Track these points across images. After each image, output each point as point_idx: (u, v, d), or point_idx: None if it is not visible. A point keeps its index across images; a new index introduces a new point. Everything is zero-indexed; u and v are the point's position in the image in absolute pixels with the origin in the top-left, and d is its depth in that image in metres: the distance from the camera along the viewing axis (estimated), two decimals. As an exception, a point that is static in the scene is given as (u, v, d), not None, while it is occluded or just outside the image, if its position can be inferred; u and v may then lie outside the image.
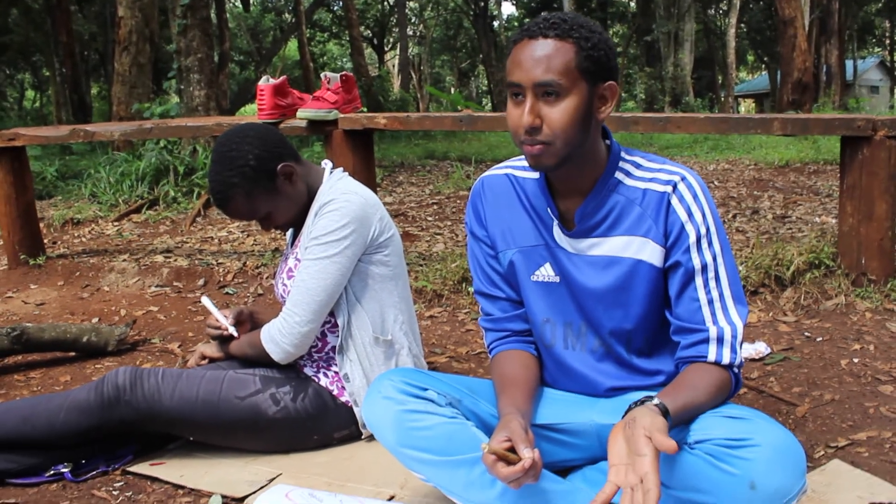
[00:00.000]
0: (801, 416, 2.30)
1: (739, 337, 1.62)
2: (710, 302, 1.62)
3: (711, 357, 1.61)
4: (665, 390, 1.57)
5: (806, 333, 3.03)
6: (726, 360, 1.61)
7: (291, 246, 2.30)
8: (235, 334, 2.29)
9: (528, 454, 1.42)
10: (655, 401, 1.47)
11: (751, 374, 2.67)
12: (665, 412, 1.45)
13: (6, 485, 2.05)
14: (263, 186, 2.11)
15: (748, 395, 2.50)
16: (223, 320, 2.31)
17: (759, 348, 2.87)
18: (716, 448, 1.47)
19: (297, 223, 2.23)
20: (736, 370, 1.64)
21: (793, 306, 3.30)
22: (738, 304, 1.64)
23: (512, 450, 1.45)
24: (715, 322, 1.62)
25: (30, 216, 4.58)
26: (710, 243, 1.62)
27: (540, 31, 1.53)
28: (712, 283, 1.62)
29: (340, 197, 2.11)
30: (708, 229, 1.61)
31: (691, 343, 1.64)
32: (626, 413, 1.48)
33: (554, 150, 1.55)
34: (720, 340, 1.61)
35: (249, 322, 2.39)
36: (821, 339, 2.96)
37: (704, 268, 1.62)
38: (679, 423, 1.51)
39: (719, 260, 1.62)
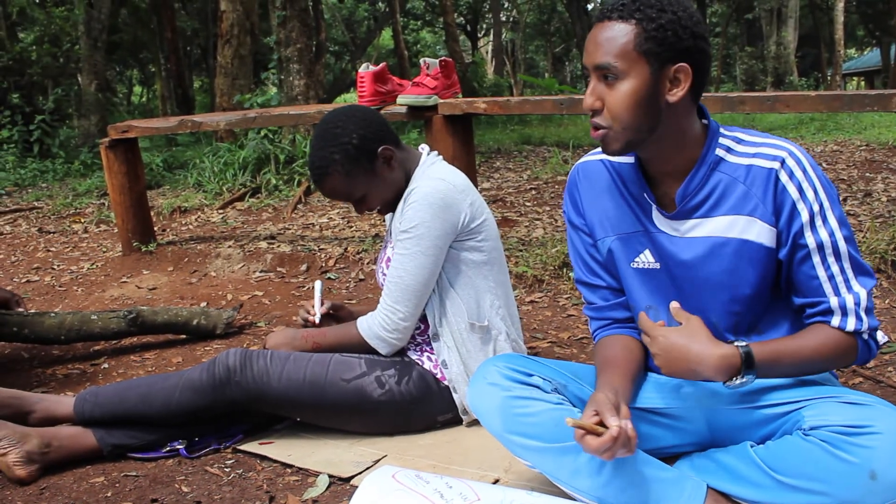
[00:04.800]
0: (924, 407, 2.19)
1: (864, 303, 1.55)
2: (831, 277, 1.55)
3: (835, 324, 1.55)
4: (764, 341, 1.56)
5: (927, 321, 2.88)
6: (850, 327, 1.54)
7: (390, 233, 2.31)
8: (317, 321, 2.32)
9: (614, 422, 1.41)
10: (742, 347, 1.48)
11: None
12: (748, 355, 1.48)
13: (128, 458, 2.15)
14: (363, 167, 2.12)
15: (864, 385, 2.39)
16: (317, 307, 2.35)
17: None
18: (833, 435, 1.42)
19: (394, 208, 2.24)
20: (865, 336, 1.57)
21: (912, 292, 3.14)
22: (860, 276, 1.56)
23: (602, 425, 1.43)
24: (837, 294, 1.55)
25: (142, 205, 4.76)
26: (824, 220, 1.54)
27: (605, 14, 1.52)
28: (831, 259, 1.55)
29: (427, 185, 2.11)
30: (821, 205, 1.54)
31: (815, 313, 1.58)
32: None
33: (614, 135, 1.54)
34: (843, 309, 1.55)
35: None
36: (944, 326, 2.81)
37: (821, 246, 1.54)
38: (773, 371, 1.52)
39: (837, 235, 1.54)
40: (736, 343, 1.50)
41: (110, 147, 4.50)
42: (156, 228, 5.15)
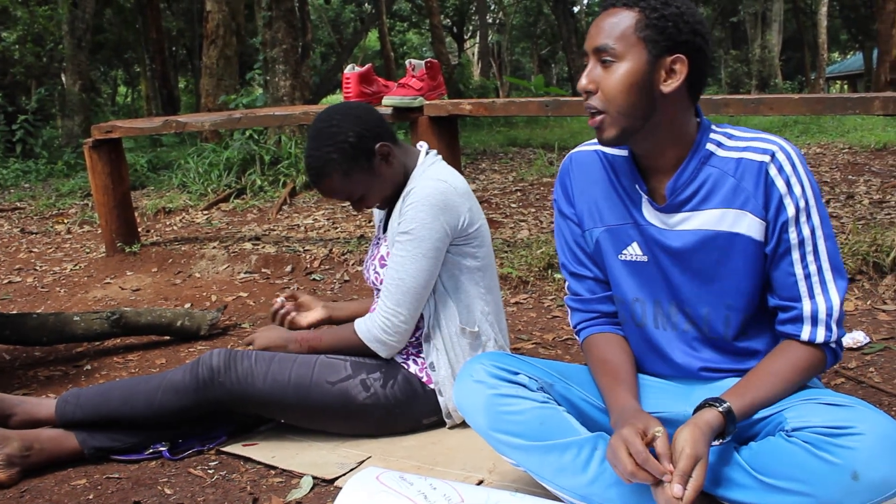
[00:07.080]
0: (905, 408, 2.21)
1: (835, 313, 1.57)
2: (808, 276, 1.57)
3: (805, 336, 1.58)
4: (740, 382, 1.56)
5: (908, 322, 2.90)
6: (820, 338, 1.57)
7: (383, 231, 2.30)
8: (278, 304, 2.33)
9: (670, 468, 1.40)
10: (723, 406, 1.47)
11: (849, 363, 2.57)
12: (728, 413, 1.46)
13: (110, 461, 2.13)
14: (361, 165, 2.10)
15: (846, 386, 2.40)
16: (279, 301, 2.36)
17: (858, 337, 2.76)
18: (815, 436, 1.42)
19: (392, 204, 2.22)
20: (833, 346, 1.60)
21: (893, 294, 3.16)
22: (837, 278, 1.58)
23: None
24: (812, 297, 1.57)
25: (126, 206, 4.74)
26: (808, 217, 1.56)
27: (611, 2, 1.56)
28: (810, 258, 1.57)
29: (427, 186, 2.09)
30: (807, 202, 1.56)
31: (786, 319, 1.60)
32: (694, 411, 1.50)
33: (610, 121, 1.55)
34: (814, 319, 1.57)
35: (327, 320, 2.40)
36: (925, 327, 2.84)
37: (802, 242, 1.56)
38: (752, 414, 1.53)
39: (818, 233, 1.57)
40: (720, 409, 1.47)
41: (94, 147, 4.48)
42: (140, 229, 5.13)
